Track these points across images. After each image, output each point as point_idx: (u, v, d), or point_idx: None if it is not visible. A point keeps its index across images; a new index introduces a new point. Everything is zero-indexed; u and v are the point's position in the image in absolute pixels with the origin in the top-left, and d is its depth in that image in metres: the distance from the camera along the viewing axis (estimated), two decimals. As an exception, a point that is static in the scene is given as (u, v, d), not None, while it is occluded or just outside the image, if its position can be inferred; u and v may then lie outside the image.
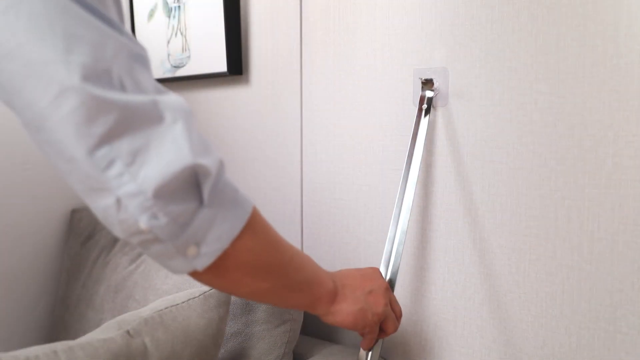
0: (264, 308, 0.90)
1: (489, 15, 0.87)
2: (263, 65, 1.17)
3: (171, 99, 0.47)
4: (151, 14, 1.34)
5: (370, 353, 0.76)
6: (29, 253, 1.35)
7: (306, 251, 1.15)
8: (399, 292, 1.00)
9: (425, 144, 0.94)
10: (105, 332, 0.68)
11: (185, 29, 1.26)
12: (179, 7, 1.27)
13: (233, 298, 0.91)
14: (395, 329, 0.75)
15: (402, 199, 0.86)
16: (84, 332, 1.17)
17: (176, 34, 1.28)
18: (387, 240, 0.84)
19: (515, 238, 0.87)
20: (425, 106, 0.92)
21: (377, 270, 0.75)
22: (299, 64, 1.11)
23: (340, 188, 1.08)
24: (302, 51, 1.11)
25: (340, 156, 1.07)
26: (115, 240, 1.24)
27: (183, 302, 0.78)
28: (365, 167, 1.04)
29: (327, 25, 1.06)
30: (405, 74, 0.97)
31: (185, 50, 1.26)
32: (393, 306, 0.75)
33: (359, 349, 0.77)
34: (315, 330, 1.14)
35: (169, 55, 1.30)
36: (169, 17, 1.29)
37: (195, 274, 0.52)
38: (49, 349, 0.62)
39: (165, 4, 1.29)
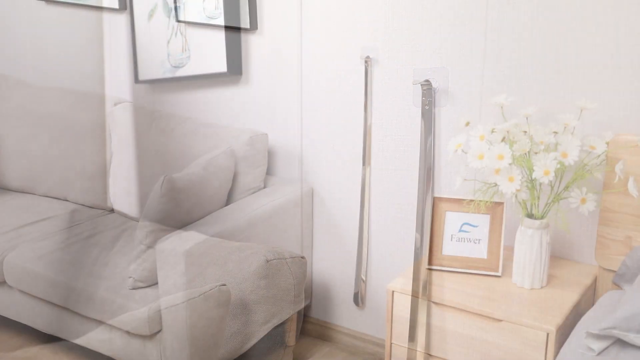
0: (263, 309, 0.90)
1: (489, 15, 0.87)
2: (263, 65, 1.17)
3: None
4: (151, 14, 1.34)
5: None
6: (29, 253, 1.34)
7: (305, 251, 1.15)
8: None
9: (429, 143, 0.94)
10: (106, 333, 0.68)
11: (186, 29, 1.26)
12: (179, 7, 1.26)
13: (233, 298, 0.91)
14: None
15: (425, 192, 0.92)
16: (85, 332, 1.16)
17: (176, 34, 1.28)
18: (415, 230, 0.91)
19: (515, 238, 0.87)
20: (427, 107, 0.92)
21: None
22: (299, 64, 1.11)
23: (340, 188, 1.08)
24: (302, 51, 1.11)
25: (341, 156, 1.07)
26: (115, 240, 1.24)
27: (183, 302, 0.78)
28: (365, 167, 1.04)
29: (327, 26, 1.06)
30: (405, 74, 0.97)
31: (185, 50, 1.26)
32: None
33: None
34: (315, 330, 1.14)
35: (169, 55, 1.30)
36: (169, 17, 1.29)
37: None
38: (49, 349, 0.62)
39: (165, 4, 1.29)
